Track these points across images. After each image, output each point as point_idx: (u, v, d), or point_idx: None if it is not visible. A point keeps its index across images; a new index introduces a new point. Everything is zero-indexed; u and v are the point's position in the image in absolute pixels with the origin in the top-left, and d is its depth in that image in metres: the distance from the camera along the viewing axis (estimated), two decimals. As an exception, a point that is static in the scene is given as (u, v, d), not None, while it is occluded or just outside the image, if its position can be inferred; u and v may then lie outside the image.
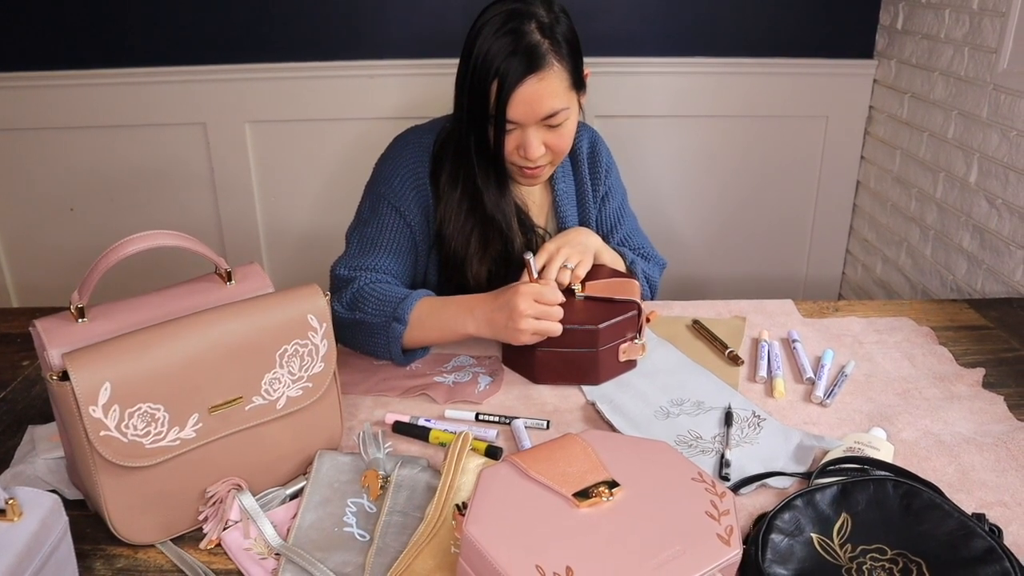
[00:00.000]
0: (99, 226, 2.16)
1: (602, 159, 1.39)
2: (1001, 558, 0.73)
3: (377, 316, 1.13)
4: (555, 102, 1.14)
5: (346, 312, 1.16)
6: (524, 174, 1.23)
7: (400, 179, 1.24)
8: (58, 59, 1.99)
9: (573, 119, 1.21)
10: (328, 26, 1.98)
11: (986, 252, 1.63)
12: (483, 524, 0.70)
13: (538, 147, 1.17)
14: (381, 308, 1.14)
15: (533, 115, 1.14)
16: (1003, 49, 1.56)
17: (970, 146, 1.67)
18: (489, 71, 1.11)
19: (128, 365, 0.75)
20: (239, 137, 2.07)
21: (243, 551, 0.81)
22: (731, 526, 0.71)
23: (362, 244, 1.24)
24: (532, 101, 1.13)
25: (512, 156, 1.20)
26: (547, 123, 1.16)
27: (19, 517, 0.68)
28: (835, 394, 1.09)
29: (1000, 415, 1.05)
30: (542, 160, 1.20)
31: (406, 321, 1.12)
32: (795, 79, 2.07)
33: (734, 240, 2.26)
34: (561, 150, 1.21)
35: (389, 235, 1.24)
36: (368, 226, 1.25)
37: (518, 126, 1.16)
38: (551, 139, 1.18)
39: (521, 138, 1.17)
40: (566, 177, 1.35)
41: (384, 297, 1.15)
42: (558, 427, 1.03)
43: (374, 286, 1.18)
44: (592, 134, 1.40)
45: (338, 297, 1.19)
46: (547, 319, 1.06)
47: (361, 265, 1.21)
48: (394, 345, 1.13)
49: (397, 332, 1.12)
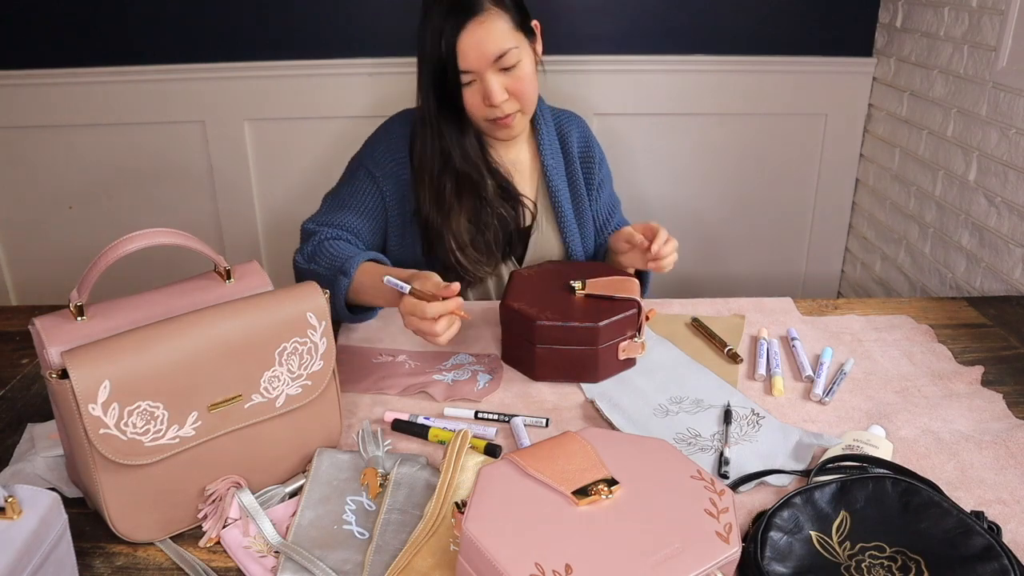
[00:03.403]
0: (98, 224, 2.16)
1: (594, 147, 1.45)
2: (999, 556, 0.73)
3: (328, 269, 1.20)
4: (501, 42, 1.20)
5: (304, 263, 1.25)
6: (497, 126, 1.28)
7: (381, 150, 1.33)
8: (57, 57, 1.98)
9: (528, 63, 1.26)
10: (328, 23, 1.98)
11: (985, 250, 1.63)
12: (482, 522, 0.70)
13: (500, 92, 1.23)
14: (331, 263, 1.20)
15: (484, 58, 1.21)
16: (1002, 47, 1.56)
17: (969, 144, 1.67)
18: (436, 32, 1.20)
19: (127, 363, 0.75)
20: (238, 135, 2.07)
21: (242, 549, 0.81)
22: (730, 524, 0.71)
23: (333, 203, 1.33)
24: (477, 44, 1.20)
25: (480, 111, 1.26)
26: (500, 66, 1.22)
27: (18, 515, 0.68)
28: (834, 392, 1.09)
29: (999, 413, 1.05)
30: (508, 107, 1.25)
31: (351, 276, 1.17)
32: (794, 77, 2.07)
33: (733, 238, 2.26)
34: (523, 94, 1.26)
35: (360, 197, 1.32)
36: (342, 189, 1.35)
37: (475, 76, 1.23)
38: (510, 84, 1.24)
39: (482, 89, 1.23)
40: (554, 154, 1.40)
41: (337, 253, 1.22)
42: (557, 425, 1.03)
43: (333, 242, 1.26)
44: (580, 121, 1.47)
45: (301, 249, 1.27)
46: (426, 332, 1.05)
47: (326, 221, 1.30)
48: (338, 299, 1.18)
49: (342, 285, 1.17)
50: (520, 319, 1.12)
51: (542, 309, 1.11)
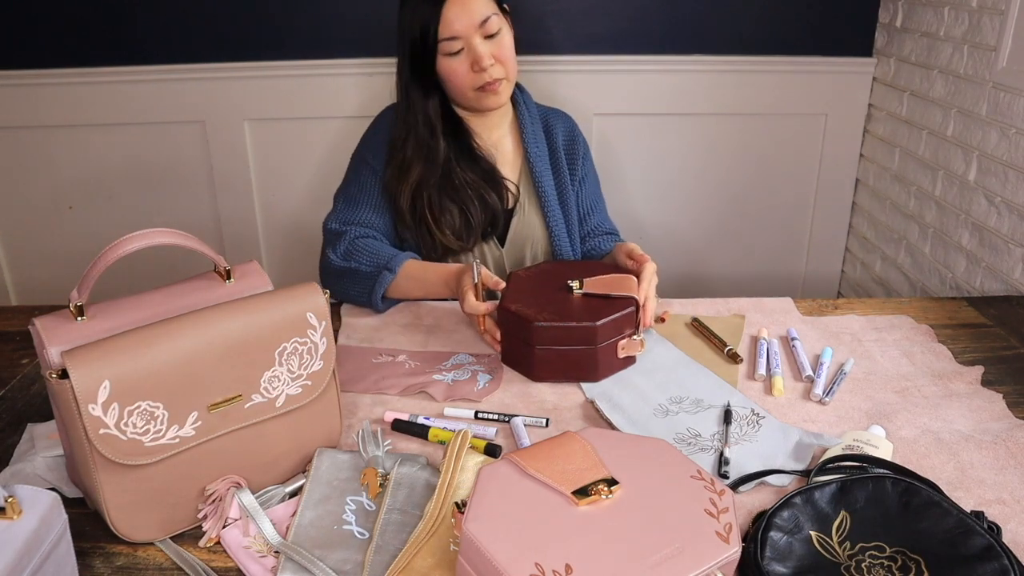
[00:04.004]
0: (98, 224, 2.15)
1: (580, 142, 1.50)
2: (999, 556, 0.73)
3: (370, 266, 1.30)
4: (484, 8, 1.30)
5: (341, 261, 1.33)
6: (485, 92, 1.34)
7: (375, 142, 1.42)
8: (57, 57, 1.98)
9: (507, 35, 1.35)
10: (329, 23, 1.98)
11: (985, 250, 1.63)
12: (482, 522, 0.70)
13: (488, 56, 1.31)
14: (374, 260, 1.31)
15: (471, 22, 1.29)
16: (1002, 47, 1.56)
17: (969, 144, 1.67)
18: (418, 7, 1.29)
19: (127, 363, 0.75)
20: (238, 135, 2.07)
21: (242, 549, 0.81)
22: (730, 524, 0.71)
23: (347, 201, 1.40)
24: (463, 9, 1.28)
25: (468, 79, 1.33)
26: (485, 32, 1.30)
27: (18, 515, 0.68)
28: (834, 392, 1.09)
29: (999, 413, 1.05)
30: (495, 72, 1.33)
31: (395, 271, 1.29)
32: (794, 77, 2.06)
33: (733, 238, 2.26)
34: (507, 60, 1.34)
35: (368, 192, 1.40)
36: (351, 186, 1.42)
37: (462, 43, 1.30)
38: (494, 50, 1.32)
39: (470, 55, 1.31)
40: (538, 142, 1.45)
41: (376, 251, 1.32)
42: (557, 425, 1.03)
43: (365, 240, 1.35)
44: (568, 117, 1.53)
45: (333, 248, 1.35)
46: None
47: (349, 220, 1.37)
48: (378, 290, 1.29)
49: (386, 279, 1.29)
50: (517, 321, 1.12)
51: (539, 310, 1.11)
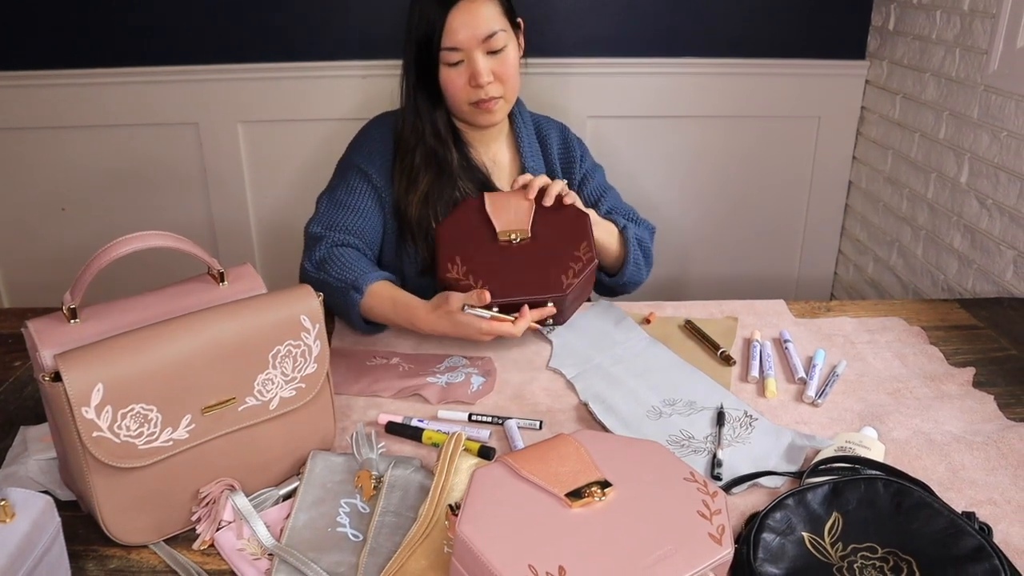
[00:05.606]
0: (91, 226, 2.15)
1: (574, 145, 1.47)
2: (991, 556, 0.73)
3: (338, 281, 1.19)
4: (491, 22, 1.24)
5: (313, 270, 1.23)
6: (479, 109, 1.29)
7: (368, 147, 1.35)
8: (49, 58, 1.98)
9: (513, 51, 1.29)
10: (322, 26, 1.98)
11: (977, 252, 1.64)
12: (476, 524, 0.70)
13: (487, 72, 1.25)
14: (343, 274, 1.20)
15: (474, 35, 1.23)
16: (993, 50, 1.57)
17: (961, 146, 1.68)
18: (427, 6, 1.24)
19: (121, 366, 0.75)
20: (232, 137, 2.07)
21: (236, 551, 0.81)
22: (723, 525, 0.72)
23: (331, 204, 1.32)
24: (469, 20, 1.23)
25: (464, 93, 1.28)
26: (488, 47, 1.25)
27: (11, 518, 0.68)
28: (826, 394, 1.10)
29: (990, 414, 1.06)
30: (493, 90, 1.28)
31: (363, 292, 1.18)
32: (787, 80, 2.07)
33: (726, 240, 2.27)
34: (508, 79, 1.29)
35: (356, 196, 1.32)
36: (337, 190, 1.34)
37: (463, 55, 1.25)
38: (496, 67, 1.27)
39: (469, 68, 1.25)
40: (534, 155, 1.41)
41: (348, 264, 1.21)
42: (551, 427, 1.04)
43: (342, 250, 1.25)
44: (559, 124, 1.49)
45: (309, 255, 1.26)
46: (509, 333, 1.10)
47: (332, 223, 1.28)
48: (353, 311, 1.19)
49: (354, 300, 1.18)
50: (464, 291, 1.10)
51: (488, 278, 1.08)
